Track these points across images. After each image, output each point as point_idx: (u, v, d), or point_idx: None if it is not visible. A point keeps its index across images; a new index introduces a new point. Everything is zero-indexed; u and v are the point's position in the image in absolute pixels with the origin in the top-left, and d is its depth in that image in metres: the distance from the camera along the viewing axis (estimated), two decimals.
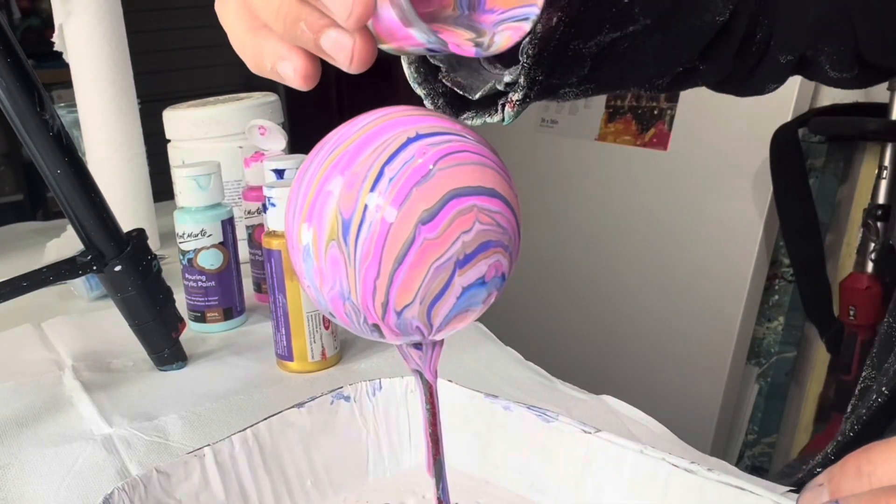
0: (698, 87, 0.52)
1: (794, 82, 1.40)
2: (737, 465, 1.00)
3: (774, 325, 1.50)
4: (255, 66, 0.34)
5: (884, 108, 1.33)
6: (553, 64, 0.39)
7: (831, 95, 1.42)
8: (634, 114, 1.68)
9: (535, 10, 0.33)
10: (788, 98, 1.41)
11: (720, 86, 0.53)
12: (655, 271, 1.62)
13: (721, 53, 0.48)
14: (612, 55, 0.43)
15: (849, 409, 0.59)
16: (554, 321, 1.82)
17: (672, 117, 1.60)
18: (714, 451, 1.45)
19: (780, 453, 1.53)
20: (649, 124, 1.65)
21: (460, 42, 0.33)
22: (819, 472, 0.57)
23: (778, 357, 1.50)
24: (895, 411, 0.52)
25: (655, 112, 1.64)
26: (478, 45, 0.33)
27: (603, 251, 1.73)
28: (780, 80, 0.53)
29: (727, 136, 1.51)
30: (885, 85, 1.32)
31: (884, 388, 0.51)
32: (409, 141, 0.32)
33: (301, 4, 0.31)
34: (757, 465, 1.52)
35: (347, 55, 0.31)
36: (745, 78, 0.52)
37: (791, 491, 0.47)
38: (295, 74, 0.33)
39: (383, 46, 0.33)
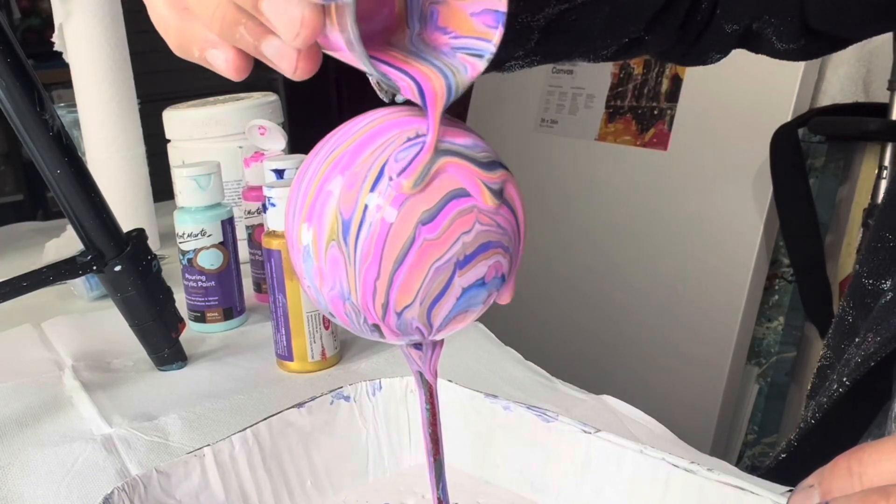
0: (642, 56, 0.52)
1: (794, 82, 1.40)
2: (737, 465, 1.00)
3: (774, 325, 1.50)
4: (179, 49, 0.32)
5: (884, 108, 1.33)
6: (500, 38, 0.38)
7: (831, 95, 1.42)
8: (634, 114, 1.68)
9: (490, 48, 0.32)
10: (788, 98, 1.41)
11: (664, 55, 0.53)
12: (655, 271, 1.62)
13: (667, 24, 0.48)
14: (560, 27, 0.42)
15: (808, 388, 0.59)
16: (554, 321, 1.82)
17: (672, 117, 1.60)
18: (714, 451, 1.45)
19: None
20: (649, 124, 1.64)
21: (410, 84, 0.31)
22: (783, 458, 0.57)
23: (778, 357, 1.50)
24: (856, 400, 0.52)
25: (655, 112, 1.63)
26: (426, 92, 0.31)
27: (603, 251, 1.73)
28: (725, 51, 0.53)
29: (727, 136, 1.51)
30: (885, 85, 1.32)
31: (845, 379, 0.51)
32: (410, 141, 0.32)
33: (240, 11, 0.29)
34: (757, 465, 1.52)
35: (291, 65, 0.30)
36: (690, 48, 0.52)
37: (790, 491, 0.47)
38: (227, 65, 0.31)
39: (329, 52, 0.31)
